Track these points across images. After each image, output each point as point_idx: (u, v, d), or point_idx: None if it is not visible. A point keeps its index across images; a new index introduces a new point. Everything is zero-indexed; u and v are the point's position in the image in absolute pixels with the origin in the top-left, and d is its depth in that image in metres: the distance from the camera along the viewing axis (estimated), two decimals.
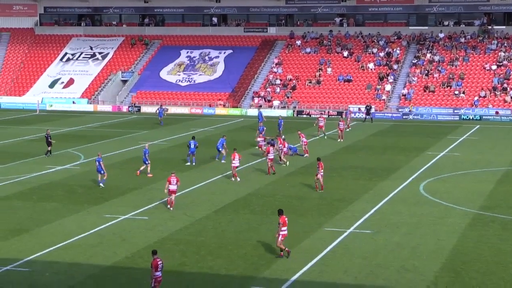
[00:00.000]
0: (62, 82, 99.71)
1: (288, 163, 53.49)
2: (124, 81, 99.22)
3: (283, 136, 59.81)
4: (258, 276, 29.75)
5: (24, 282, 29.10)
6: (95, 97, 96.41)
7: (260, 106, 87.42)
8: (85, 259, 31.69)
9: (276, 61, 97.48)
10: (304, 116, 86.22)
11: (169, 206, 40.42)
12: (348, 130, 71.37)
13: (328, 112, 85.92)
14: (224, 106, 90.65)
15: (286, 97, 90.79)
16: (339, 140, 64.58)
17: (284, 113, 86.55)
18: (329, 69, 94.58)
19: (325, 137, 66.64)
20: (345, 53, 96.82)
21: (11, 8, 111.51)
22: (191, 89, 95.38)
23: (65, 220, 38.25)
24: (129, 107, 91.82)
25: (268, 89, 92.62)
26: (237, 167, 48.36)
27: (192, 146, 53.40)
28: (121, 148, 60.96)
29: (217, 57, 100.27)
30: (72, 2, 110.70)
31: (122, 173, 50.48)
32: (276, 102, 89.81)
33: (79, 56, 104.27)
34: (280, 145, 54.15)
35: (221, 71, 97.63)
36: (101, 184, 46.12)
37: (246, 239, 34.59)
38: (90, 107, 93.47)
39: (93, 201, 42.48)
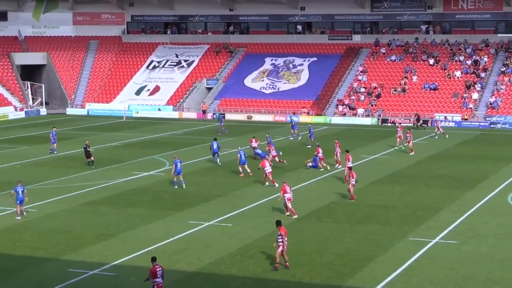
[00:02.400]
0: (148, 90, 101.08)
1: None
2: (209, 89, 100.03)
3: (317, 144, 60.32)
4: (342, 285, 29.54)
5: (110, 286, 29.53)
6: (180, 104, 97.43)
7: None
8: (170, 264, 31.96)
9: (360, 69, 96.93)
10: (389, 124, 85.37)
11: (294, 215, 40.53)
12: (436, 138, 71.70)
13: (414, 120, 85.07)
14: (308, 113, 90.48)
15: (370, 105, 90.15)
16: (411, 153, 62.40)
17: (368, 121, 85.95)
18: (414, 77, 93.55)
19: (403, 147, 65.33)
20: (431, 61, 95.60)
21: (99, 17, 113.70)
22: (275, 97, 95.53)
23: (151, 225, 38.71)
24: (213, 114, 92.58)
25: (353, 97, 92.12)
26: (270, 172, 48.67)
27: (215, 146, 57.04)
28: (205, 155, 61.28)
29: (301, 64, 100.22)
30: (159, 11, 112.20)
31: (206, 180, 50.80)
32: (360, 110, 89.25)
33: (165, 64, 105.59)
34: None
35: (305, 79, 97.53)
36: (184, 185, 47.53)
37: (329, 248, 34.40)
38: (175, 114, 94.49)
39: (178, 207, 42.89)
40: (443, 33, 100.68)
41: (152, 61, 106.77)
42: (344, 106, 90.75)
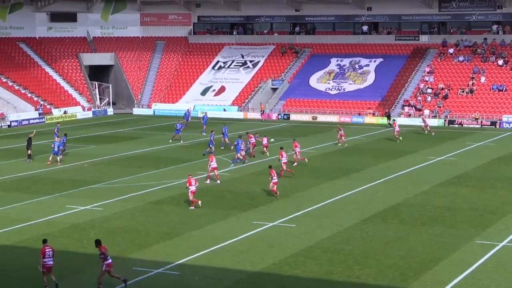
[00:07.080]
0: (214, 90, 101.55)
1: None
2: (274, 89, 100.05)
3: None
4: (407, 287, 29.21)
5: (174, 285, 29.70)
6: (245, 104, 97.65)
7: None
8: (233, 264, 32.03)
9: (427, 69, 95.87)
10: (456, 126, 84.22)
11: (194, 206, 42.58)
12: (430, 133, 74.22)
13: (482, 122, 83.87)
14: (373, 114, 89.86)
15: (437, 106, 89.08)
16: (339, 145, 66.83)
17: (435, 122, 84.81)
18: (482, 78, 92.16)
19: (400, 140, 68.61)
20: (500, 62, 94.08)
21: (166, 18, 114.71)
22: (340, 98, 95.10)
23: (215, 225, 38.83)
24: (278, 115, 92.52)
25: (419, 98, 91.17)
26: (215, 168, 50.35)
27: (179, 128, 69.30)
28: (270, 155, 61.24)
29: (367, 65, 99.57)
30: (225, 11, 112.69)
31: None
32: (426, 111, 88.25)
33: (230, 64, 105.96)
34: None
35: (372, 80, 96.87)
36: None
37: (394, 249, 34.07)
38: (240, 115, 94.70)
39: (241, 207, 42.95)
40: None
41: (218, 62, 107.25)
42: (410, 107, 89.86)
